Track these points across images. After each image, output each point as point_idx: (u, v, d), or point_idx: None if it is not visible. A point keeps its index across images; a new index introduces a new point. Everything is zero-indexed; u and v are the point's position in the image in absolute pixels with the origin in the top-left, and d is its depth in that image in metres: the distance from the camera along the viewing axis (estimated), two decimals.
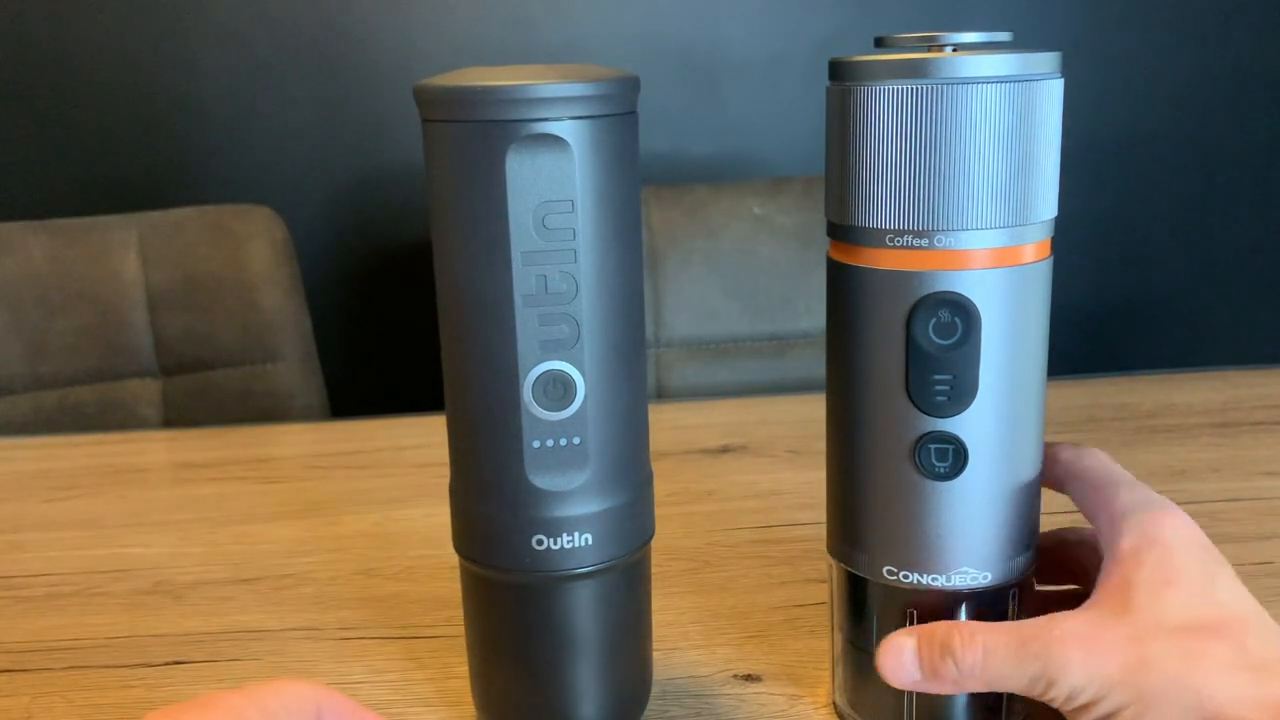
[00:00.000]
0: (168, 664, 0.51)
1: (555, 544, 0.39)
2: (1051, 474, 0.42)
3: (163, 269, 1.10)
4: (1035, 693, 0.36)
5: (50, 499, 0.71)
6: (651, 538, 0.42)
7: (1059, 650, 0.36)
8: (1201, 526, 0.60)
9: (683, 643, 0.51)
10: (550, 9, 1.41)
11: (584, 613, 0.40)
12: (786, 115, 1.46)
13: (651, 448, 0.42)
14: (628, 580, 0.42)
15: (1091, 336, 1.57)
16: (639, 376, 0.40)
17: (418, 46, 1.41)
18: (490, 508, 0.39)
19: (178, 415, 1.11)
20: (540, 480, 0.38)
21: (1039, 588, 0.45)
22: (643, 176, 0.37)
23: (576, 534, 0.39)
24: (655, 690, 0.46)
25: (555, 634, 0.40)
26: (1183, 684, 0.35)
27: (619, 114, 0.37)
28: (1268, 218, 1.57)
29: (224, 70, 1.40)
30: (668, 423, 0.82)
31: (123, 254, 1.10)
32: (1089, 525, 0.41)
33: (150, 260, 1.10)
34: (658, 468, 0.62)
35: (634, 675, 0.43)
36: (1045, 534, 0.44)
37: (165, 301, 1.10)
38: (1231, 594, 0.38)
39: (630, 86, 0.38)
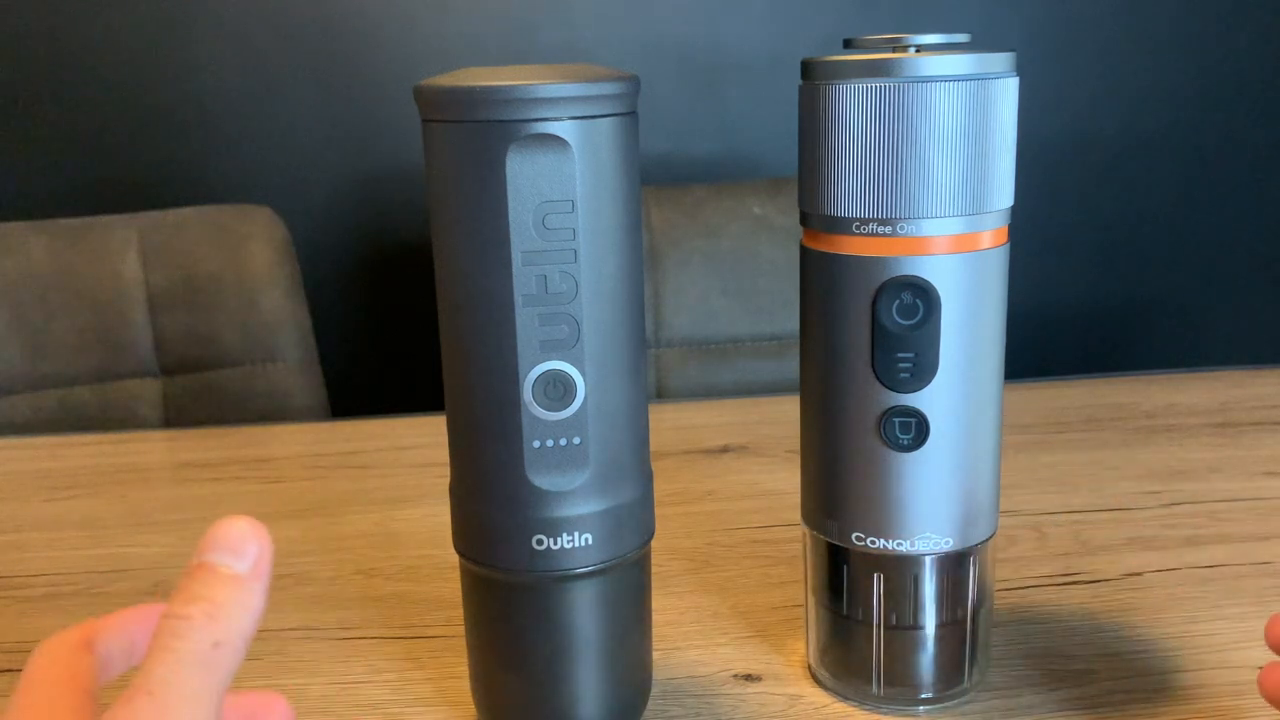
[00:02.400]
0: None
1: (555, 544, 0.39)
2: None
3: (163, 269, 1.10)
4: None
5: (50, 499, 0.71)
6: (651, 537, 0.42)
7: None
8: (1202, 527, 0.61)
9: (683, 643, 0.51)
10: (550, 9, 1.41)
11: (584, 613, 0.40)
12: (786, 115, 1.46)
13: (651, 448, 0.42)
14: (628, 580, 0.42)
15: (1091, 336, 1.57)
16: (639, 376, 0.40)
17: (418, 47, 1.41)
18: (490, 508, 0.39)
19: (178, 415, 1.11)
20: (540, 480, 0.38)
21: None
22: (643, 176, 0.38)
23: (577, 534, 0.39)
24: (655, 690, 0.46)
25: (555, 634, 0.40)
26: None
27: (619, 114, 0.37)
28: (1267, 218, 1.57)
29: (224, 70, 1.40)
30: (668, 423, 0.82)
31: (123, 254, 1.10)
32: None
33: (150, 260, 1.10)
34: (658, 468, 0.61)
35: (634, 675, 0.43)
36: None
37: (165, 301, 1.10)
38: None
39: (630, 87, 0.38)
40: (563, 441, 0.38)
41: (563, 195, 0.36)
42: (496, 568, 0.40)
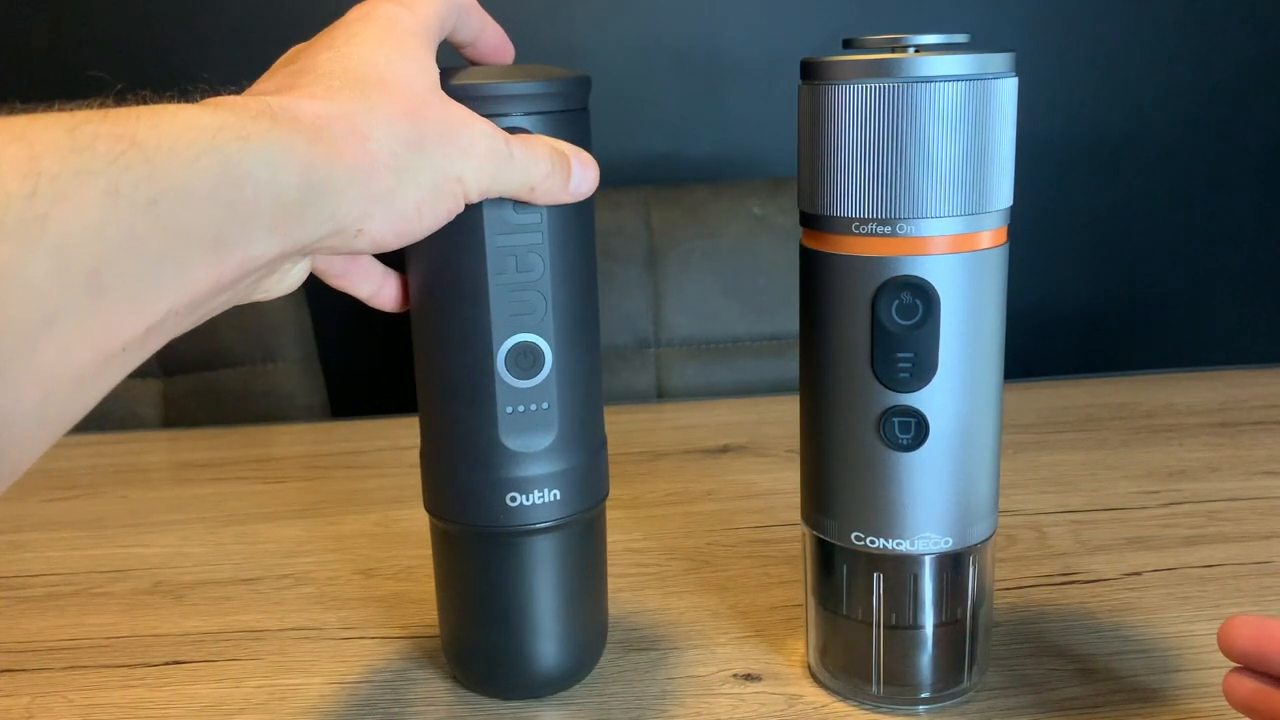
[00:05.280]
0: (168, 664, 0.51)
1: (527, 500, 0.43)
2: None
3: None
4: None
5: (50, 499, 0.71)
6: (607, 495, 0.46)
7: None
8: (1201, 526, 0.61)
9: (683, 643, 0.51)
10: (550, 10, 1.41)
11: (551, 563, 0.44)
12: (786, 115, 1.46)
13: (651, 447, 0.43)
14: (590, 532, 0.46)
15: (1091, 336, 1.57)
16: (595, 346, 0.44)
17: None
18: (466, 469, 0.43)
19: (178, 415, 1.11)
20: (513, 443, 0.42)
21: None
22: (643, 176, 0.38)
23: (546, 490, 0.43)
24: (655, 690, 0.47)
25: (528, 583, 0.44)
26: None
27: (570, 110, 0.41)
28: (1267, 217, 1.57)
29: (223, 71, 1.40)
30: (668, 423, 0.82)
31: None
32: None
33: None
34: (658, 467, 0.61)
35: (596, 619, 0.47)
36: None
37: None
38: None
39: (580, 85, 0.41)
40: (532, 406, 0.42)
41: None
42: (473, 525, 0.43)
